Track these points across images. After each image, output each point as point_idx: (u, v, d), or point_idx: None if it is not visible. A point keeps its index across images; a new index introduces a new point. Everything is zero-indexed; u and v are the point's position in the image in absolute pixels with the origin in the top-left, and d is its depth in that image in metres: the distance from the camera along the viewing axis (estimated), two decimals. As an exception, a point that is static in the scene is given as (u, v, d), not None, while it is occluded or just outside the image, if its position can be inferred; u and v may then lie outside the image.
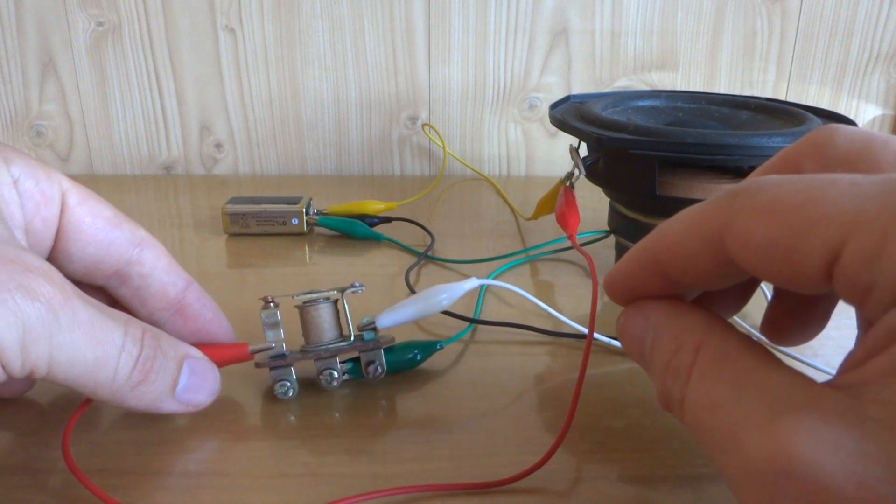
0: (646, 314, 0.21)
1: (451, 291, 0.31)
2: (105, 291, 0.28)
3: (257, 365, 0.29)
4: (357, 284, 0.30)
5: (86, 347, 0.21)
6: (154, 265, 0.27)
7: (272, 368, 0.29)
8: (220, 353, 0.29)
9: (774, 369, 0.16)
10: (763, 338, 0.24)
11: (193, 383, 0.25)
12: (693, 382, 0.17)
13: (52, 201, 0.25)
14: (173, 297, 0.28)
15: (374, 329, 0.30)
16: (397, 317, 0.30)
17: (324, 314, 0.29)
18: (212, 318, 0.29)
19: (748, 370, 0.16)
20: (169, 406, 0.25)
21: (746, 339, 0.18)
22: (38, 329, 0.20)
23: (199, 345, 0.28)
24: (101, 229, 0.26)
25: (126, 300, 0.28)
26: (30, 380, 0.28)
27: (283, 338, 0.29)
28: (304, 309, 0.29)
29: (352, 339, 0.29)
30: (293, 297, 0.30)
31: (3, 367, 0.20)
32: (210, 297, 0.29)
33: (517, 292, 0.33)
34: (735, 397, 0.15)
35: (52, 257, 0.26)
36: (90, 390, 0.22)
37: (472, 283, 0.31)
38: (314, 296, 0.29)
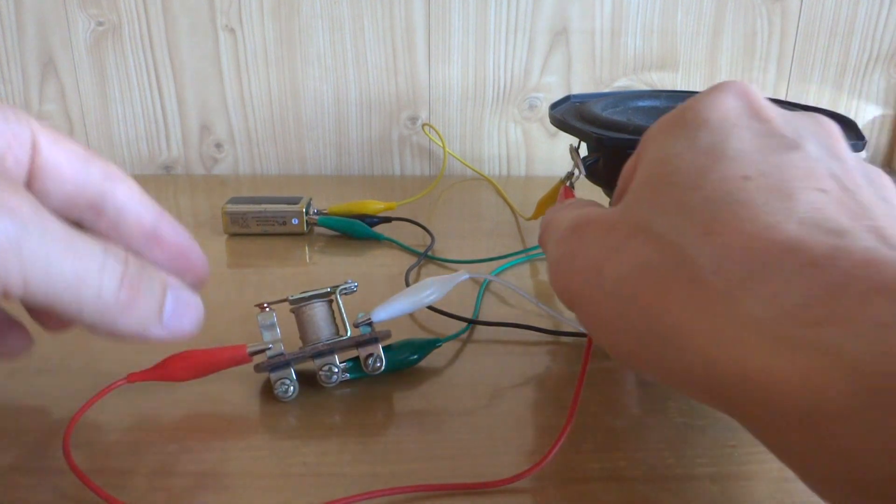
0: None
1: (441, 284, 0.32)
2: (83, 228, 0.28)
3: (257, 368, 0.29)
4: (350, 282, 0.30)
5: (62, 259, 0.20)
6: (128, 196, 0.27)
7: (272, 370, 0.29)
8: (219, 356, 0.29)
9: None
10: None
11: (178, 310, 0.24)
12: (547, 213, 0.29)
13: (23, 142, 0.25)
14: (149, 226, 0.27)
15: (370, 324, 0.30)
16: (391, 310, 0.31)
17: (319, 313, 0.29)
18: (188, 245, 0.28)
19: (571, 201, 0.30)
20: (157, 332, 0.23)
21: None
22: (4, 238, 0.19)
23: (198, 350, 0.28)
24: (77, 166, 0.26)
25: (103, 233, 0.27)
26: (18, 327, 0.27)
27: (280, 338, 0.29)
28: (299, 310, 0.29)
29: (348, 333, 0.29)
30: (288, 298, 0.30)
31: None
32: (182, 227, 0.29)
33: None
34: (555, 215, 0.28)
35: None
36: (76, 311, 0.21)
37: (462, 276, 0.32)
38: (308, 295, 0.29)
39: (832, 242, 0.17)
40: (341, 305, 0.30)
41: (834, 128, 0.23)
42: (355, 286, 0.30)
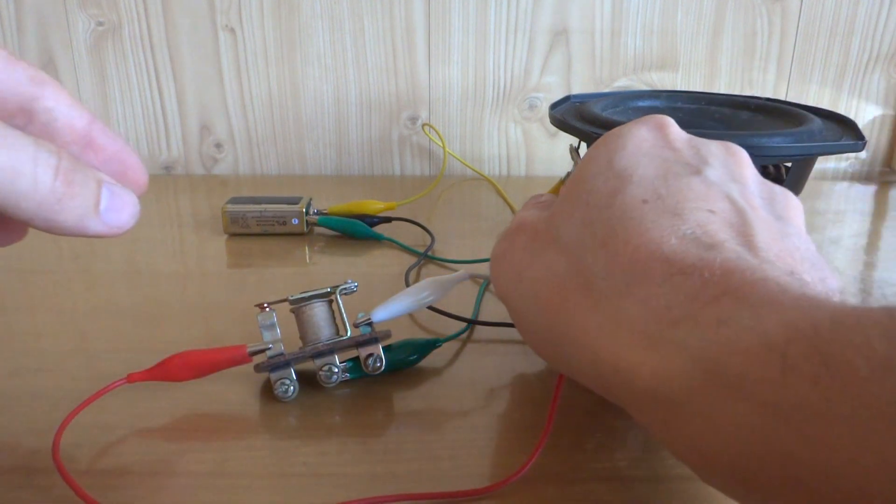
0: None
1: (440, 284, 0.32)
2: None
3: (257, 368, 0.29)
4: (350, 282, 0.30)
5: None
6: (57, 100, 0.27)
7: (272, 370, 0.29)
8: (219, 356, 0.29)
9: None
10: None
11: (115, 204, 0.25)
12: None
13: None
14: (81, 130, 0.27)
15: (370, 324, 0.30)
16: (391, 310, 0.31)
17: (319, 313, 0.29)
18: (121, 148, 0.28)
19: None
20: (95, 226, 0.24)
21: None
22: None
23: (198, 350, 0.28)
24: (1, 68, 0.26)
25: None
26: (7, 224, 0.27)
27: (280, 338, 0.29)
28: (298, 310, 0.29)
29: (348, 334, 0.29)
30: (288, 298, 0.30)
31: None
32: (115, 132, 0.29)
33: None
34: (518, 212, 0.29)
35: None
36: (13, 203, 0.21)
37: (462, 276, 0.32)
38: (308, 295, 0.29)
39: (701, 255, 0.20)
40: (341, 305, 0.30)
41: (741, 154, 0.26)
42: (355, 286, 0.30)
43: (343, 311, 0.30)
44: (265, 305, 0.29)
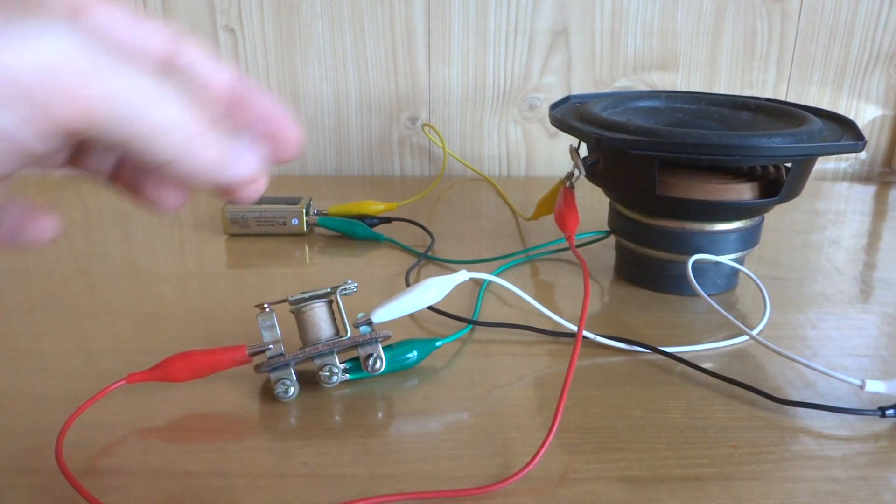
0: None
1: (441, 285, 0.32)
2: None
3: (257, 369, 0.29)
4: (350, 282, 0.30)
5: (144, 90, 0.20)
6: (196, 57, 0.25)
7: (272, 370, 0.29)
8: (219, 357, 0.29)
9: None
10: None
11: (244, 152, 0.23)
12: None
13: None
14: (224, 86, 0.25)
15: (370, 324, 0.30)
16: (391, 311, 0.31)
17: (319, 313, 0.29)
18: (269, 107, 0.26)
19: None
20: (232, 171, 0.23)
21: None
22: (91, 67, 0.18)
23: (198, 350, 0.28)
24: (134, 24, 0.25)
25: None
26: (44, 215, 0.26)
27: (280, 338, 0.29)
28: (299, 311, 0.29)
29: (349, 334, 0.29)
30: (288, 299, 0.30)
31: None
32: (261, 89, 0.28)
33: (511, 290, 0.33)
34: None
35: None
36: (156, 144, 0.20)
37: (462, 275, 0.32)
38: (308, 296, 0.29)
39: None
40: (341, 306, 0.30)
41: None
42: (355, 287, 0.30)
43: (343, 311, 0.30)
44: (265, 306, 0.29)
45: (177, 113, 0.21)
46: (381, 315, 0.30)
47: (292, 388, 0.29)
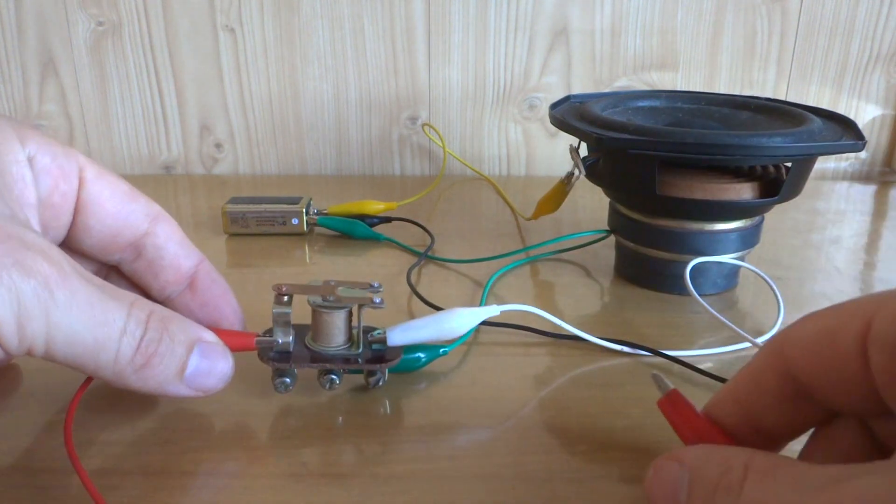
0: (679, 459, 0.19)
1: (469, 317, 0.30)
2: (120, 270, 0.28)
3: (260, 357, 0.28)
4: (378, 301, 0.28)
5: (84, 328, 0.21)
6: (168, 238, 0.28)
7: (275, 361, 0.28)
8: (226, 341, 0.28)
9: (827, 467, 0.16)
10: None
11: (204, 368, 0.25)
12: (747, 488, 0.17)
13: (69, 176, 0.25)
14: (185, 271, 0.28)
15: (384, 343, 0.29)
16: (409, 336, 0.29)
17: (336, 321, 0.29)
18: (221, 294, 0.29)
19: (804, 470, 0.16)
20: (176, 389, 0.24)
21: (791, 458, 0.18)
22: (33, 306, 0.20)
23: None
24: (119, 202, 0.26)
25: (140, 274, 0.28)
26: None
27: (291, 340, 0.28)
28: (316, 311, 0.29)
29: (360, 350, 0.29)
30: (308, 300, 0.29)
31: (0, 345, 0.20)
32: (220, 275, 0.29)
33: (529, 310, 0.33)
34: (797, 492, 0.16)
35: (72, 231, 0.27)
36: (91, 370, 0.22)
37: (493, 309, 0.31)
38: (330, 302, 0.28)
39: None
40: (361, 319, 0.29)
41: None
42: (383, 305, 0.28)
43: (361, 325, 0.29)
44: (283, 289, 0.28)
45: (126, 349, 0.22)
46: (397, 338, 0.29)
47: (291, 381, 0.28)
